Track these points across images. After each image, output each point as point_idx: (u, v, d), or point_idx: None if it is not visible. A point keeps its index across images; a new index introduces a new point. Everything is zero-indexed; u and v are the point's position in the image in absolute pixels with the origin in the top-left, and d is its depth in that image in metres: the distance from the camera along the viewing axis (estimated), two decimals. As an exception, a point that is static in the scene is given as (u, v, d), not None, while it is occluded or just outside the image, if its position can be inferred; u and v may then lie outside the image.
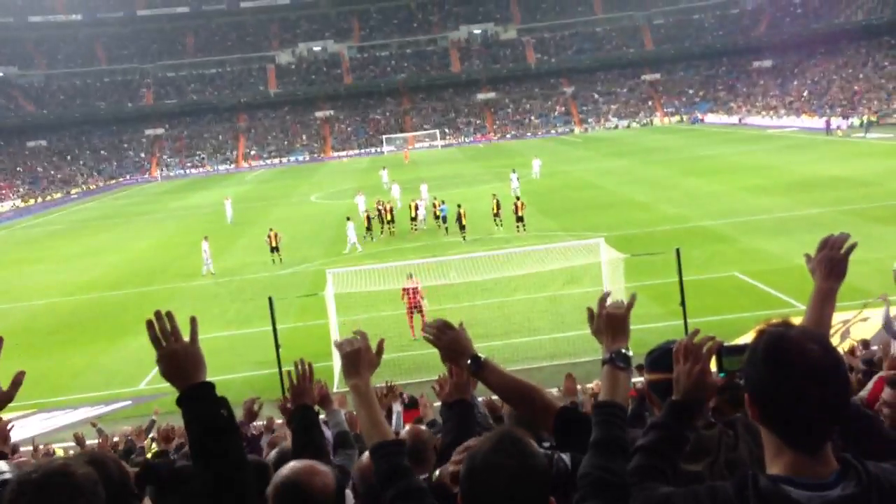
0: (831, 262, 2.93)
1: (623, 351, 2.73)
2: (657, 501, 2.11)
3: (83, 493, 2.21)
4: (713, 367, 2.45)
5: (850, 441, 2.50)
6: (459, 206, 32.13)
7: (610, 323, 2.79)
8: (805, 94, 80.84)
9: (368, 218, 34.53)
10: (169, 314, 2.56)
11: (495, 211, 32.82)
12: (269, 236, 31.26)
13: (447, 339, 3.13)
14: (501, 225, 32.64)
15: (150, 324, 2.53)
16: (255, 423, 8.80)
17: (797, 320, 2.29)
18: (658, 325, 17.32)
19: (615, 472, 2.30)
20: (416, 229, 34.75)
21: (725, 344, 2.46)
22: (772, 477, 1.99)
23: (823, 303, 2.90)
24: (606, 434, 2.43)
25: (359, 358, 3.01)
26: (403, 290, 18.99)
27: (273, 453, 4.77)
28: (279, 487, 2.74)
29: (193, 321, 2.57)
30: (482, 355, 3.11)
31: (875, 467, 1.98)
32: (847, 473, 1.97)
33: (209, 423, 2.41)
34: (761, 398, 2.01)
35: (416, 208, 35.13)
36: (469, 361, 3.07)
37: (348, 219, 32.82)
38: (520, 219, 31.51)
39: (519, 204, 31.91)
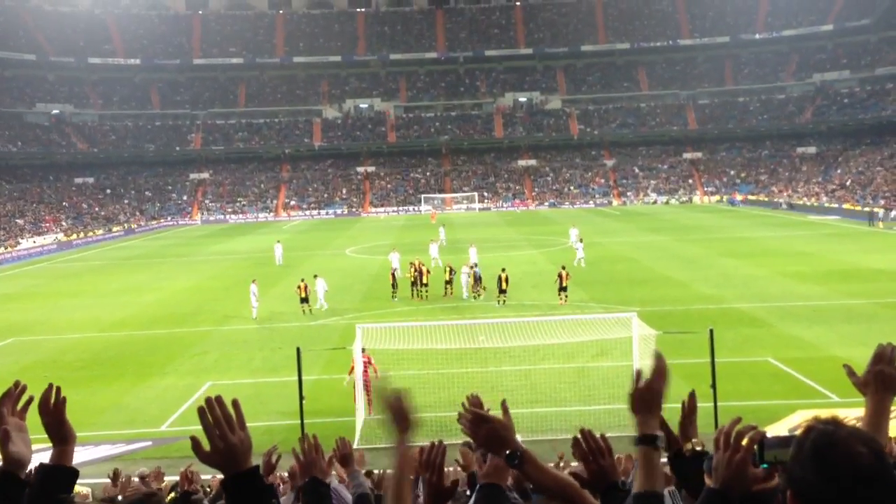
0: (885, 378, 2.80)
1: (658, 433, 2.65)
2: None
3: None
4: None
5: None
6: (503, 269, 31.90)
7: (650, 398, 2.69)
8: (848, 182, 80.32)
9: (393, 275, 34.01)
10: (235, 402, 2.45)
11: (560, 284, 31.28)
12: (298, 287, 31.50)
13: (484, 433, 2.90)
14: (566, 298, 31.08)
15: (202, 411, 2.39)
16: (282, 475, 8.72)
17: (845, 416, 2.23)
18: (687, 406, 17.01)
19: None
20: (449, 294, 33.78)
21: (768, 434, 2.38)
22: None
23: (880, 417, 2.78)
24: None
25: (406, 417, 2.89)
26: (361, 361, 18.41)
27: None
28: None
29: (237, 405, 2.45)
30: (523, 448, 2.92)
31: None
32: None
33: None
34: (805, 497, 1.97)
35: (451, 272, 34.30)
36: (507, 454, 2.87)
37: (315, 276, 32.71)
38: (562, 289, 31.07)
39: (564, 274, 31.34)
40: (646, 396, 2.68)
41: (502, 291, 31.13)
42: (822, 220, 64.61)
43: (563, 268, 32.01)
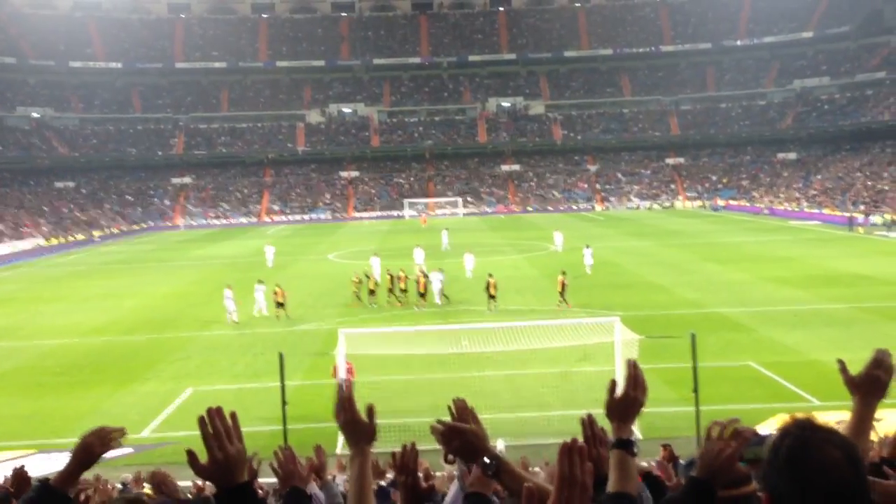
0: (877, 382, 2.85)
1: (633, 438, 2.66)
2: None
3: None
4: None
5: None
6: (490, 275, 31.86)
7: (626, 406, 2.72)
8: (828, 187, 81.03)
9: (370, 282, 33.79)
10: (233, 414, 2.46)
11: (560, 290, 31.26)
12: (274, 292, 31.44)
13: (457, 445, 2.91)
14: (567, 303, 30.95)
15: (203, 422, 2.39)
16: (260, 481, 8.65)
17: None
18: (669, 410, 17.09)
19: None
20: (421, 304, 32.86)
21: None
22: None
23: (865, 418, 2.83)
24: None
25: (355, 429, 2.88)
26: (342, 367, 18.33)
27: None
28: None
29: (234, 417, 2.46)
30: (498, 456, 2.90)
31: None
32: None
33: None
34: (779, 502, 1.98)
35: (425, 277, 33.47)
36: (484, 464, 2.86)
37: (259, 281, 32.62)
38: (561, 293, 30.88)
39: (561, 279, 31.18)
40: (622, 405, 2.71)
41: (491, 297, 31.01)
42: (803, 226, 65.14)
43: (563, 273, 31.84)
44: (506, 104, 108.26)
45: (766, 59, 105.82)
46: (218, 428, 2.39)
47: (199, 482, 9.95)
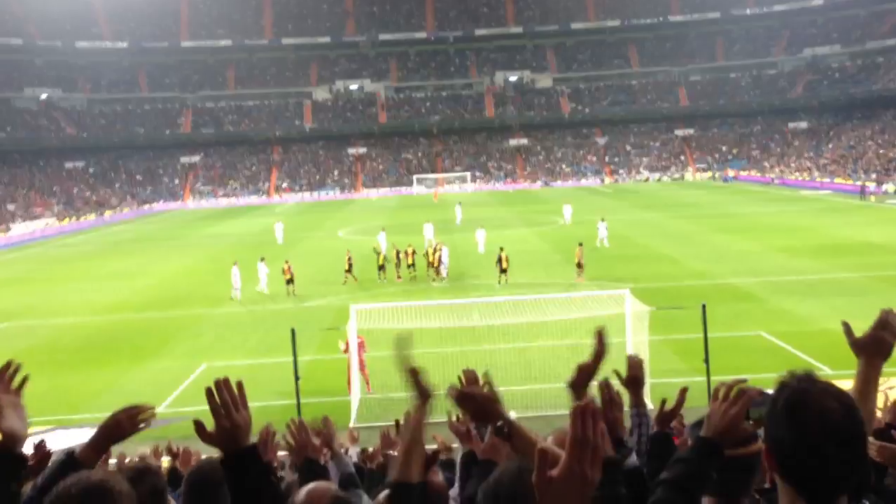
0: (882, 343, 2.87)
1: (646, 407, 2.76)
2: None
3: None
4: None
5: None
6: (501, 248, 31.96)
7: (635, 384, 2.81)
8: (840, 157, 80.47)
9: (380, 257, 33.97)
10: (239, 384, 2.59)
11: (577, 261, 31.47)
12: (282, 269, 31.60)
13: (472, 407, 3.03)
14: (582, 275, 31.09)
15: (210, 393, 2.53)
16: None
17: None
18: (680, 381, 17.11)
19: None
20: (437, 278, 33.07)
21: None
22: None
23: (869, 385, 2.85)
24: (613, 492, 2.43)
25: (424, 389, 3.00)
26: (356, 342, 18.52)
27: None
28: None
29: (241, 387, 2.59)
30: (510, 419, 2.96)
31: None
32: None
33: (257, 484, 2.52)
34: (779, 453, 2.05)
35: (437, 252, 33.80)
36: (496, 427, 2.94)
37: (261, 259, 32.63)
38: (578, 265, 31.15)
39: (579, 251, 31.54)
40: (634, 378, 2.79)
41: (503, 271, 31.13)
42: (814, 195, 64.81)
43: (580, 245, 32.14)
44: (513, 78, 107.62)
45: (776, 27, 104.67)
46: (225, 398, 2.52)
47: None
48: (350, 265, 33.20)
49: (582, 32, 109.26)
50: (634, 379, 3.70)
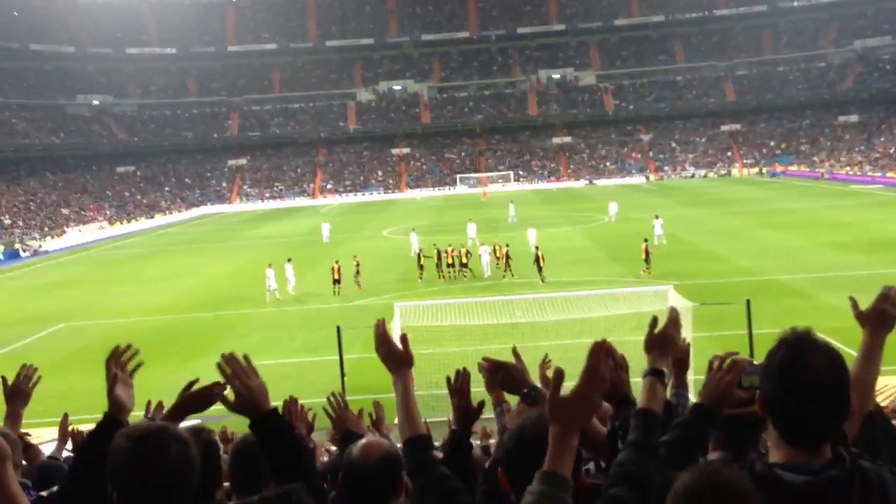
0: (885, 316, 3.08)
1: (665, 370, 2.94)
2: (670, 484, 2.28)
3: (179, 451, 2.42)
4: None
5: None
6: (537, 247, 32.10)
7: (663, 342, 3.00)
8: (892, 150, 78.63)
9: (419, 257, 34.23)
10: (246, 356, 2.92)
11: (644, 257, 31.54)
12: (332, 268, 32.03)
13: (502, 377, 3.41)
14: (650, 272, 30.99)
15: (221, 366, 2.87)
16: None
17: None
18: (725, 377, 17.02)
19: (645, 470, 2.56)
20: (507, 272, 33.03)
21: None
22: (769, 463, 2.28)
23: (873, 354, 3.05)
24: (644, 438, 2.67)
25: (394, 358, 3.21)
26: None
27: None
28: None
29: (248, 358, 2.94)
30: (537, 387, 3.33)
31: (869, 464, 2.24)
32: (836, 464, 2.24)
33: (284, 442, 2.85)
34: (769, 402, 2.30)
35: (467, 254, 34.05)
36: (524, 393, 3.31)
37: (288, 260, 33.06)
38: (645, 261, 31.17)
39: (644, 246, 31.63)
40: (659, 341, 2.98)
41: (540, 269, 31.24)
42: (865, 190, 63.45)
43: (646, 240, 32.24)
44: (556, 76, 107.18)
45: (825, 19, 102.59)
46: (236, 368, 2.84)
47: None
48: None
49: (625, 28, 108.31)
50: (680, 361, 3.89)
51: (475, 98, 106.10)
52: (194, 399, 3.31)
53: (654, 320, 3.06)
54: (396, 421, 3.21)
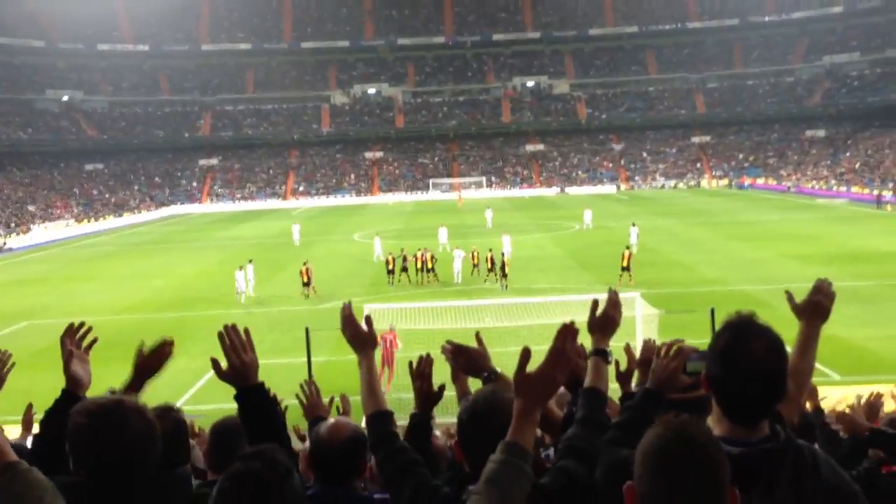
0: (819, 307, 3.32)
1: (608, 349, 3.16)
2: (618, 461, 2.51)
3: (139, 425, 2.52)
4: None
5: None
6: (503, 253, 32.42)
7: (605, 323, 3.21)
8: (857, 166, 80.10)
9: (389, 261, 34.29)
10: (246, 330, 3.07)
11: (626, 264, 31.46)
12: (301, 271, 31.98)
13: (463, 360, 3.62)
14: (631, 278, 30.91)
15: (221, 336, 3.01)
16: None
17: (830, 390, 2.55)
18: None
19: (591, 444, 2.74)
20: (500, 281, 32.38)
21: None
22: None
23: (809, 343, 3.32)
24: (590, 414, 2.90)
25: (359, 339, 3.39)
26: (382, 337, 19.14)
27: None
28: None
29: (248, 333, 3.10)
30: (496, 370, 3.52)
31: (804, 443, 2.43)
32: (772, 438, 2.43)
33: (268, 413, 3.01)
34: (714, 383, 2.47)
35: (432, 259, 34.25)
36: (484, 377, 3.49)
37: (249, 261, 32.98)
38: (625, 268, 31.32)
39: (626, 254, 31.84)
40: (601, 321, 3.21)
41: (504, 276, 31.52)
42: (830, 204, 64.57)
43: (627, 247, 32.69)
44: (530, 83, 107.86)
45: (795, 34, 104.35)
46: (234, 340, 2.99)
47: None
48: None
49: (599, 38, 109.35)
50: (647, 361, 4.04)
51: (449, 103, 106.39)
52: (148, 362, 3.45)
53: (595, 302, 3.27)
54: (360, 398, 3.33)
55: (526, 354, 2.57)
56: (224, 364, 3.03)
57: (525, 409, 2.50)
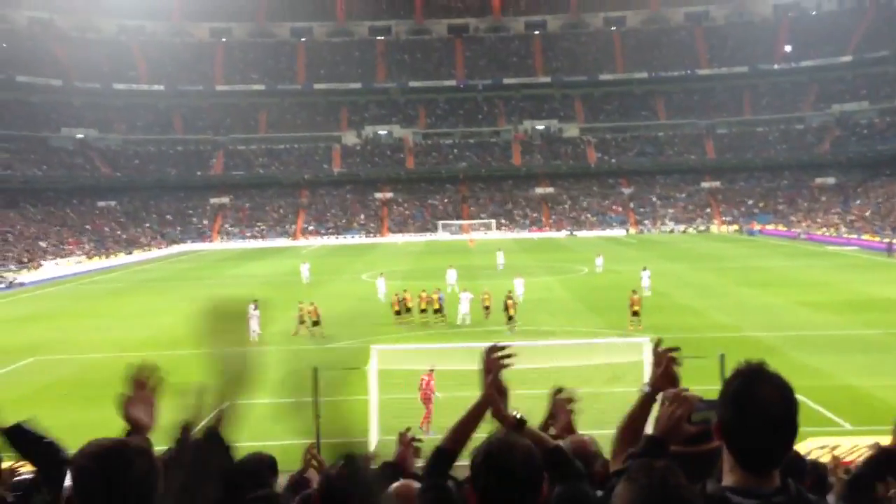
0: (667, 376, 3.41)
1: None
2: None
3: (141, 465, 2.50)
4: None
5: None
6: (509, 295, 32.40)
7: (667, 377, 3.30)
8: (867, 213, 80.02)
9: (395, 302, 34.40)
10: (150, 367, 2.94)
11: (635, 309, 31.34)
12: (308, 311, 32.04)
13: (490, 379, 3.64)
14: (640, 323, 30.75)
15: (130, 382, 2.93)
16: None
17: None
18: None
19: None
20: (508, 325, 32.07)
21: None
22: (721, 486, 2.47)
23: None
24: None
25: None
26: (421, 379, 19.22)
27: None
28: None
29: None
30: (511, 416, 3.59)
31: (815, 497, 2.46)
32: (783, 490, 2.43)
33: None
34: (726, 430, 2.47)
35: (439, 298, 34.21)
36: (517, 419, 3.56)
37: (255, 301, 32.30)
38: (635, 313, 31.21)
39: (635, 298, 31.70)
40: (664, 377, 3.33)
41: (510, 318, 31.44)
42: (841, 251, 64.38)
43: (634, 292, 32.31)
44: (540, 127, 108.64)
45: (804, 82, 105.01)
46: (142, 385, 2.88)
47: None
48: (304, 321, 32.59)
49: (609, 84, 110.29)
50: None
51: (460, 145, 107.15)
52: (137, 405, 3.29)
53: (663, 355, 3.38)
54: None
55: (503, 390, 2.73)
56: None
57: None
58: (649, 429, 4.36)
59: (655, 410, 3.26)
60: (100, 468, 2.46)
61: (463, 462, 3.23)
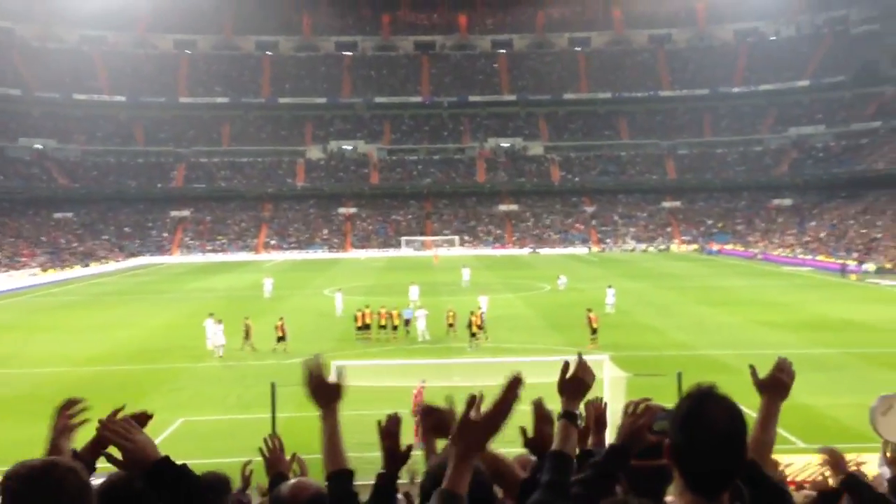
0: (779, 384, 3.40)
1: (577, 412, 3.17)
2: None
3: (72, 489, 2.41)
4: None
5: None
6: (472, 312, 32.44)
7: (575, 387, 3.19)
8: (822, 235, 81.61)
9: (357, 318, 34.36)
10: (125, 418, 2.85)
11: (594, 326, 31.57)
12: (276, 326, 31.81)
13: (431, 423, 3.73)
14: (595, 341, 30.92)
15: (103, 426, 2.77)
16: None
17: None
18: (655, 449, 17.24)
19: None
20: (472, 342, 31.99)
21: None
22: None
23: (770, 419, 3.38)
24: (556, 478, 2.89)
25: (323, 392, 3.27)
26: (413, 394, 19.38)
27: None
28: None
29: (127, 419, 2.86)
30: None
31: None
32: None
33: (185, 485, 2.76)
34: (675, 452, 2.46)
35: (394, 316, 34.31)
36: (451, 438, 3.45)
37: (211, 315, 32.44)
38: (595, 330, 31.43)
39: (592, 316, 31.86)
40: (570, 384, 3.20)
41: (473, 335, 31.51)
42: (796, 271, 65.53)
43: (590, 310, 32.42)
44: (505, 144, 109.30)
45: (763, 105, 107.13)
46: (116, 429, 2.73)
47: None
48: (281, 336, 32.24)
49: (574, 103, 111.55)
50: (599, 421, 4.13)
51: (424, 162, 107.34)
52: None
53: (566, 364, 3.26)
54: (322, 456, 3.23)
55: (473, 401, 2.62)
56: (118, 454, 2.76)
57: (463, 457, 2.53)
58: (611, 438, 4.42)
59: (618, 420, 3.30)
60: (29, 490, 2.37)
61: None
